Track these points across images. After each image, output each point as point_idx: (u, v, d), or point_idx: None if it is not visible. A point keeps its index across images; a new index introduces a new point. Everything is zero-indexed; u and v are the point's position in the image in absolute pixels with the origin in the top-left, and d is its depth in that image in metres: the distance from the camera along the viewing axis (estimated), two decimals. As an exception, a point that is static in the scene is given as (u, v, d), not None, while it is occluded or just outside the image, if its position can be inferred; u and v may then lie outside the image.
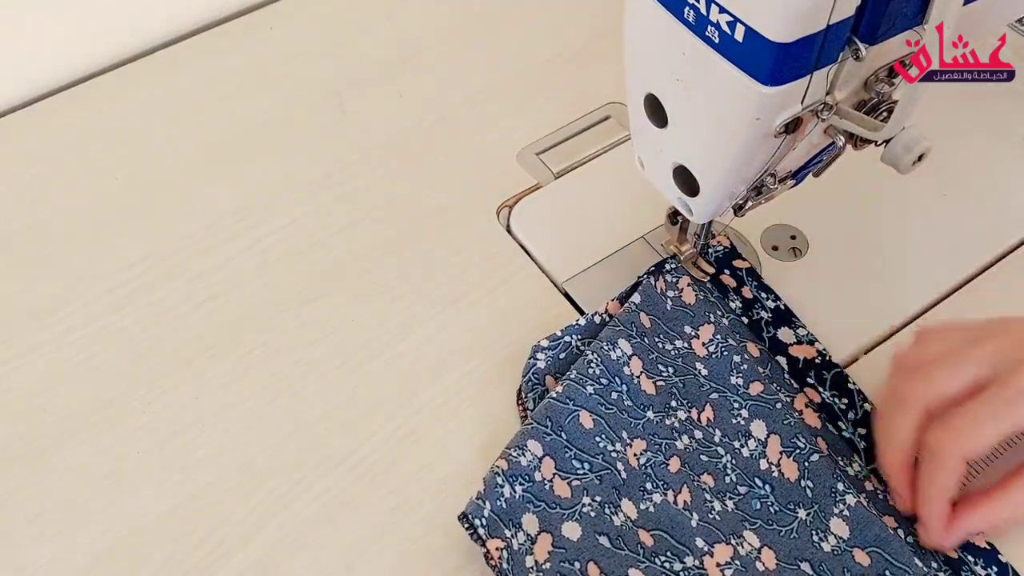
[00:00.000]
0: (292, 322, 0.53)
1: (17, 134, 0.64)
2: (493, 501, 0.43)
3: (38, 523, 0.46)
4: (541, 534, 0.43)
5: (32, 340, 0.53)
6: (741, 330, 0.50)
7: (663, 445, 0.46)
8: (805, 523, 0.44)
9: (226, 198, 0.59)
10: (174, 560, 0.45)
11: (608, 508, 0.44)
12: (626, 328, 0.49)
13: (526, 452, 0.44)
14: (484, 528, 0.42)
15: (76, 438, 0.49)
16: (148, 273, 0.56)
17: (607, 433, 0.46)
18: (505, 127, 0.61)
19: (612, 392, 0.47)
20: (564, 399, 0.46)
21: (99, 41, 0.68)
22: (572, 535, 0.43)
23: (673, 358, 0.49)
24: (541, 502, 0.44)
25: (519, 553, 0.42)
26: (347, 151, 0.61)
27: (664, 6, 0.37)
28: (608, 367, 0.47)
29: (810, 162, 0.43)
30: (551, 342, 0.49)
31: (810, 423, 0.47)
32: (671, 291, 0.50)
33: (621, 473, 0.45)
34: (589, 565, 0.42)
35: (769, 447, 0.46)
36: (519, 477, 0.44)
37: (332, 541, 0.45)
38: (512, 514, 0.43)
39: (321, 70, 0.67)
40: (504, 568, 0.42)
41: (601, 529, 0.43)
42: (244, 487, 0.47)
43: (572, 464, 0.45)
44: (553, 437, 0.45)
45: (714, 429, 0.47)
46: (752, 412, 0.47)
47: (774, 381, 0.48)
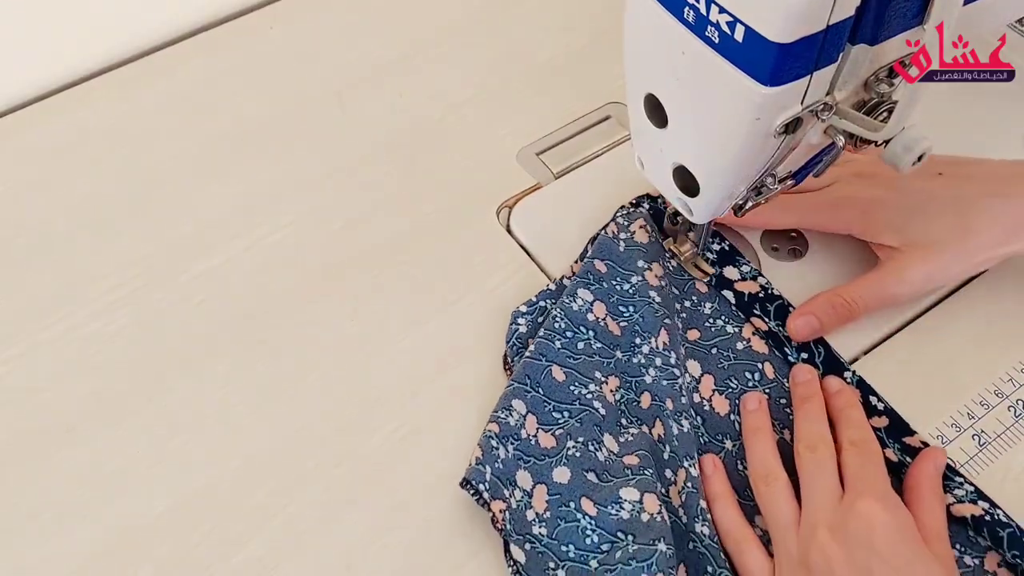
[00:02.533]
0: (292, 322, 0.53)
1: (17, 134, 0.64)
2: (492, 464, 0.45)
3: (38, 522, 0.46)
4: (536, 487, 0.45)
5: (32, 340, 0.53)
6: (689, 274, 0.54)
7: (633, 383, 0.49)
8: (731, 453, 0.47)
9: (226, 198, 0.59)
10: (174, 560, 0.45)
11: (592, 445, 0.46)
12: (583, 278, 0.51)
13: (512, 412, 0.46)
14: (487, 491, 0.44)
15: (76, 438, 0.49)
16: (148, 273, 0.56)
17: (580, 380, 0.48)
18: (505, 127, 0.61)
19: (579, 342, 0.49)
20: (536, 356, 0.48)
21: (99, 41, 0.68)
22: (563, 479, 0.45)
23: (630, 296, 0.51)
24: (530, 457, 0.45)
25: (519, 510, 0.44)
26: (347, 151, 0.61)
27: (664, 6, 0.37)
28: (572, 319, 0.50)
29: (810, 162, 0.43)
30: (529, 307, 0.52)
31: (757, 349, 0.50)
32: (623, 233, 0.53)
33: (600, 411, 0.47)
34: (582, 500, 0.44)
35: (703, 384, 0.49)
36: (510, 437, 0.46)
37: (332, 541, 0.45)
38: (508, 473, 0.45)
39: (321, 70, 0.67)
40: (508, 529, 0.43)
41: (588, 466, 0.45)
42: (244, 487, 0.47)
43: (552, 416, 0.47)
44: (533, 394, 0.47)
45: (670, 352, 0.49)
46: (688, 352, 0.50)
47: (721, 315, 0.52)
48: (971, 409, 0.48)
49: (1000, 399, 0.49)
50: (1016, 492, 0.46)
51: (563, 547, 0.43)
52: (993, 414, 0.48)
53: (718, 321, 0.51)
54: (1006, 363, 0.50)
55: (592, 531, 0.43)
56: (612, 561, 0.42)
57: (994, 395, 0.49)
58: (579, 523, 0.43)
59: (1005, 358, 0.50)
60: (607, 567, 0.42)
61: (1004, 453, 0.47)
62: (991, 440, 0.47)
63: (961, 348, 0.51)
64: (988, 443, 0.47)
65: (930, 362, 0.50)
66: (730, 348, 0.50)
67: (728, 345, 0.50)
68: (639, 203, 0.55)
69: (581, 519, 0.43)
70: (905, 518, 0.41)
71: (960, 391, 0.49)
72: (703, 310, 0.52)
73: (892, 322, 0.52)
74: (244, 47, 0.69)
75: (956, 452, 0.47)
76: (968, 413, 0.48)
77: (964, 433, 0.48)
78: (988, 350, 0.51)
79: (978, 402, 0.49)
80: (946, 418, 0.48)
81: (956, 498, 0.44)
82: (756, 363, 0.50)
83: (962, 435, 0.48)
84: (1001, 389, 0.49)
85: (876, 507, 0.40)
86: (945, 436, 0.48)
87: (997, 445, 0.47)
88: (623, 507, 0.43)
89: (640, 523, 0.43)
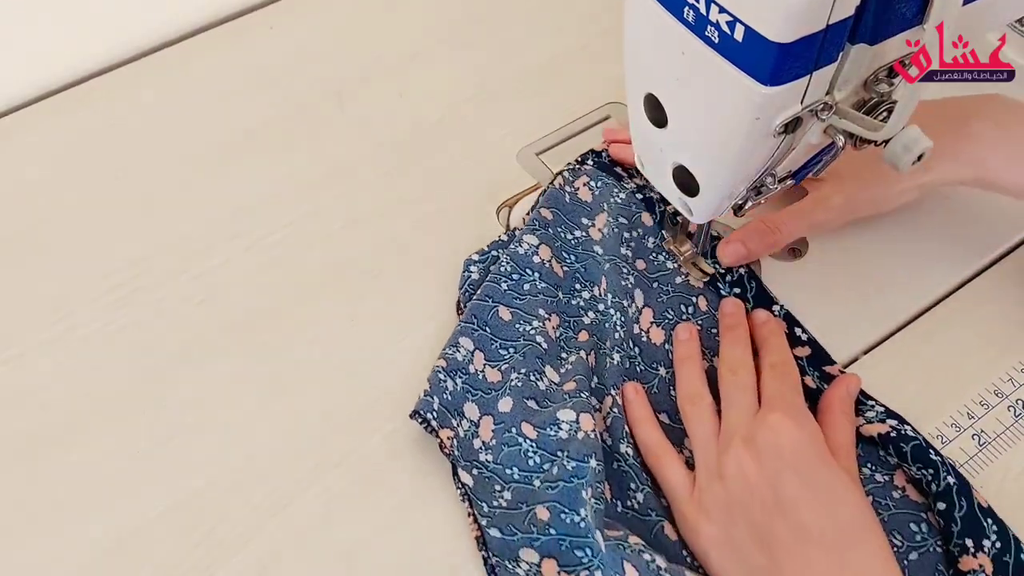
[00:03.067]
0: (292, 322, 0.53)
1: (17, 134, 0.64)
2: (440, 395, 0.48)
3: (38, 522, 0.46)
4: (483, 418, 0.48)
5: (32, 340, 0.53)
6: (635, 203, 0.55)
7: (572, 322, 0.52)
8: (664, 380, 0.50)
9: (226, 198, 0.59)
10: (174, 560, 0.45)
11: (533, 376, 0.49)
12: (531, 225, 0.54)
13: (460, 348, 0.49)
14: (435, 420, 0.47)
15: (76, 438, 0.49)
16: (148, 273, 0.56)
17: (524, 318, 0.51)
18: (505, 127, 0.61)
19: (524, 283, 0.52)
20: (484, 297, 0.51)
21: (99, 41, 0.68)
22: (506, 408, 0.48)
23: (574, 246, 0.54)
24: (477, 391, 0.48)
25: (466, 439, 0.47)
26: (347, 151, 0.61)
27: (664, 6, 0.37)
28: (518, 262, 0.52)
29: (810, 162, 0.43)
30: (481, 256, 0.54)
31: (693, 283, 0.53)
32: (568, 187, 0.56)
33: (542, 344, 0.50)
34: (523, 425, 0.47)
35: (643, 315, 0.52)
36: (457, 371, 0.49)
37: (332, 541, 0.45)
38: (456, 405, 0.48)
39: (321, 70, 0.67)
40: (456, 455, 0.46)
41: (529, 395, 0.48)
42: (244, 487, 0.47)
43: (499, 352, 0.50)
44: (480, 332, 0.50)
45: (608, 294, 0.52)
46: (635, 282, 0.53)
47: (662, 251, 0.54)
48: (971, 409, 0.48)
49: (1000, 399, 0.49)
50: (1016, 492, 0.46)
51: (507, 470, 0.46)
52: (993, 414, 0.48)
53: (659, 256, 0.54)
54: (1006, 363, 0.50)
55: (534, 453, 0.46)
56: (552, 478, 0.44)
57: (994, 395, 0.49)
58: (521, 446, 0.46)
59: (1005, 358, 0.50)
60: (548, 484, 0.44)
61: (1004, 453, 0.47)
62: (991, 440, 0.47)
63: (961, 348, 0.51)
64: (988, 443, 0.47)
65: (930, 362, 0.50)
66: (669, 283, 0.53)
67: (668, 280, 0.53)
68: (584, 160, 0.57)
69: (523, 442, 0.46)
70: (814, 431, 0.44)
71: (960, 391, 0.49)
72: (647, 244, 0.54)
73: (892, 322, 0.52)
74: (244, 47, 0.69)
75: (956, 452, 0.47)
76: (968, 413, 0.48)
77: (964, 433, 0.48)
78: (988, 350, 0.51)
79: (978, 402, 0.49)
80: (946, 418, 0.48)
81: (867, 419, 0.47)
82: (691, 296, 0.52)
83: (962, 435, 0.48)
84: (1001, 389, 0.49)
85: (785, 420, 0.43)
86: (945, 436, 0.48)
87: (997, 445, 0.47)
88: (561, 428, 0.46)
89: (576, 440, 0.45)
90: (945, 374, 0.50)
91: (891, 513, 0.45)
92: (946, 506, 0.43)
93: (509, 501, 0.45)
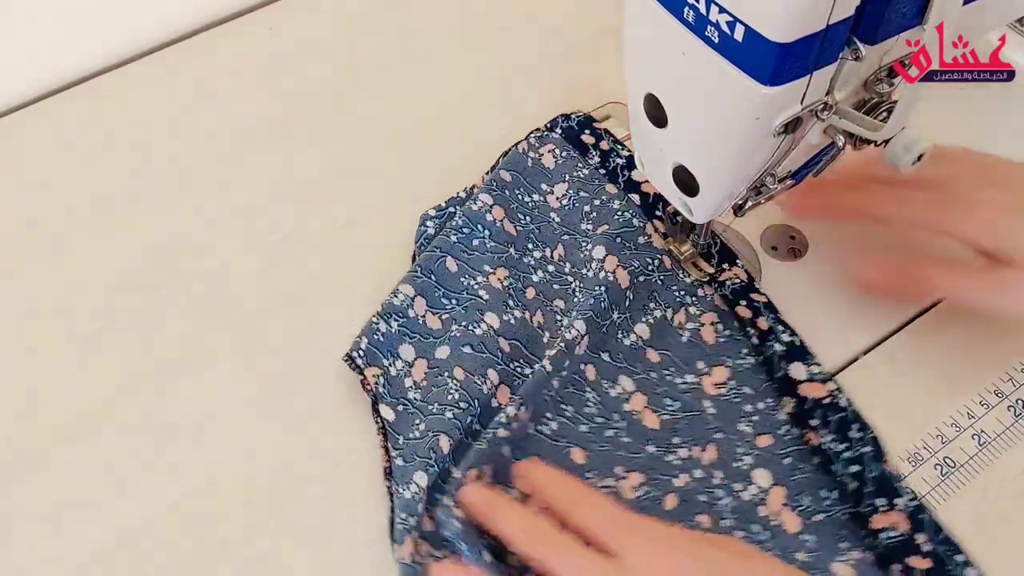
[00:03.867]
0: (292, 322, 0.53)
1: (17, 134, 0.64)
2: (370, 336, 0.50)
3: (38, 523, 0.46)
4: (418, 360, 0.50)
5: (32, 340, 0.53)
6: (598, 178, 0.56)
7: (520, 277, 0.53)
8: (615, 323, 0.51)
9: (226, 197, 0.59)
10: (174, 560, 0.45)
11: (471, 325, 0.50)
12: (488, 185, 0.55)
13: (398, 294, 0.51)
14: (362, 359, 0.49)
15: (76, 438, 0.49)
16: (148, 273, 0.56)
17: (469, 272, 0.52)
18: (505, 127, 0.61)
19: (474, 239, 0.53)
20: (433, 249, 0.52)
21: (99, 41, 0.68)
22: (443, 355, 0.50)
23: (530, 208, 0.55)
24: (416, 334, 0.50)
25: (398, 377, 0.49)
26: (347, 150, 0.61)
27: (664, 6, 0.37)
28: (470, 217, 0.54)
29: (810, 162, 0.43)
30: (438, 212, 0.55)
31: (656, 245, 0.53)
32: (533, 152, 0.57)
33: (483, 297, 0.51)
34: (455, 369, 0.48)
35: (607, 262, 0.52)
36: (393, 315, 0.50)
37: (332, 541, 0.45)
38: (390, 346, 0.50)
39: (321, 70, 0.67)
40: (380, 392, 0.48)
41: (464, 341, 0.49)
42: (244, 487, 0.47)
43: (441, 301, 0.51)
44: (423, 279, 0.52)
45: (565, 263, 0.53)
46: (595, 242, 0.53)
47: (627, 210, 0.54)
48: (971, 409, 0.48)
49: (1000, 399, 0.49)
50: (1016, 492, 0.46)
51: (429, 405, 0.48)
52: (993, 414, 0.48)
53: (625, 214, 0.54)
54: (1006, 363, 0.50)
55: (455, 391, 0.47)
56: (464, 420, 0.46)
57: (994, 395, 0.49)
58: (447, 386, 0.48)
59: (1005, 358, 0.50)
60: (456, 423, 0.46)
61: (1004, 453, 0.47)
62: (991, 440, 0.47)
63: (961, 348, 0.51)
64: (988, 443, 0.47)
65: (930, 362, 0.50)
66: (633, 240, 0.53)
67: (632, 237, 0.53)
68: (553, 126, 0.58)
69: (450, 383, 0.48)
70: None
71: (960, 391, 0.49)
72: (612, 206, 0.55)
73: (892, 322, 0.52)
74: (244, 47, 0.69)
75: (956, 452, 0.47)
76: (968, 413, 0.48)
77: (964, 433, 0.48)
78: (988, 350, 0.51)
79: (978, 402, 0.49)
80: (946, 418, 0.48)
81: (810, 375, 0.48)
82: (656, 255, 0.53)
83: (962, 435, 0.48)
84: (1001, 389, 0.49)
85: None
86: (945, 436, 0.48)
87: (997, 445, 0.47)
88: (485, 382, 0.48)
89: (489, 406, 0.47)
90: (945, 374, 0.50)
91: (804, 476, 0.45)
92: (859, 468, 0.44)
93: (422, 431, 0.46)
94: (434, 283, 0.51)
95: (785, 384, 0.48)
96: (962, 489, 0.46)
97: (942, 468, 0.46)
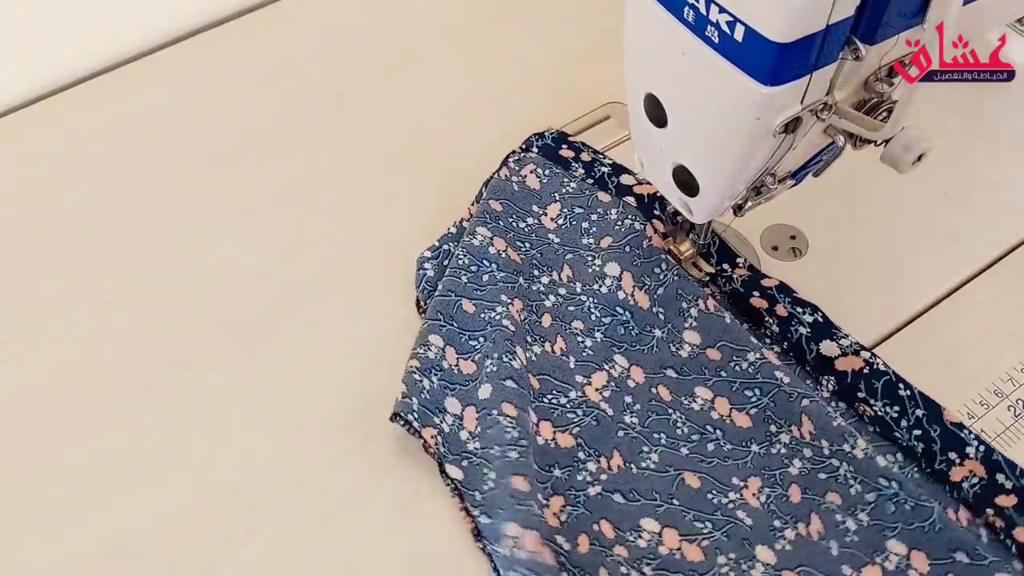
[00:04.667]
0: (292, 322, 0.53)
1: (17, 134, 0.64)
2: (418, 395, 0.48)
3: (38, 523, 0.46)
4: (466, 409, 0.48)
5: (32, 340, 0.53)
6: (588, 189, 0.55)
7: (534, 306, 0.52)
8: (662, 340, 0.50)
9: (226, 198, 0.59)
10: (174, 560, 0.45)
11: (506, 357, 0.48)
12: (481, 218, 0.54)
13: (431, 347, 0.49)
14: (417, 421, 0.47)
15: (76, 438, 0.49)
16: (148, 273, 0.56)
17: (487, 307, 0.51)
18: (505, 127, 0.61)
19: (483, 275, 0.52)
20: (446, 292, 0.51)
21: (99, 41, 0.68)
22: (486, 395, 0.48)
23: (527, 234, 0.55)
24: (455, 384, 0.49)
25: (452, 433, 0.47)
26: (347, 151, 0.61)
27: (664, 6, 0.37)
28: (474, 254, 0.53)
29: (810, 162, 0.43)
30: (432, 252, 0.54)
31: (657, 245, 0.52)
32: (515, 177, 0.56)
33: (509, 327, 0.50)
34: (504, 406, 0.47)
35: (623, 282, 0.51)
36: (432, 369, 0.49)
37: (332, 541, 0.45)
38: (436, 402, 0.48)
39: (321, 70, 0.67)
40: (442, 452, 0.46)
41: (505, 375, 0.48)
42: (244, 487, 0.47)
43: (469, 344, 0.50)
44: (447, 327, 0.50)
45: (575, 283, 0.53)
46: (604, 259, 0.53)
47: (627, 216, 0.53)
48: (971, 409, 0.48)
49: (1000, 399, 0.49)
50: (1016, 492, 0.46)
51: (491, 450, 0.46)
52: (993, 414, 0.48)
53: (625, 221, 0.53)
54: (1006, 363, 0.50)
55: (511, 428, 0.46)
56: (527, 454, 0.45)
57: (994, 395, 0.49)
58: (500, 423, 0.46)
59: (1005, 358, 0.50)
60: (524, 460, 0.45)
61: (1004, 453, 0.47)
62: (991, 440, 0.47)
63: (961, 348, 0.51)
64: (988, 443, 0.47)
65: (930, 362, 0.50)
66: (639, 245, 0.52)
67: (638, 242, 0.53)
68: (528, 147, 0.58)
69: (502, 420, 0.46)
70: None
71: (960, 391, 0.49)
72: (610, 216, 0.54)
73: (892, 322, 0.52)
74: (244, 47, 0.69)
75: (956, 452, 0.47)
76: (968, 413, 0.48)
77: (964, 433, 0.48)
78: (988, 350, 0.51)
79: (978, 402, 0.49)
80: (946, 418, 0.48)
81: (841, 349, 0.48)
82: (661, 255, 0.52)
83: (962, 435, 0.48)
84: (1001, 389, 0.49)
85: None
86: (945, 436, 0.48)
87: (997, 445, 0.47)
88: (531, 416, 0.47)
89: (536, 443, 0.47)
90: (945, 374, 0.50)
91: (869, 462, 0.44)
92: (921, 432, 0.45)
93: (495, 480, 0.45)
94: (457, 329, 0.50)
95: (822, 363, 0.48)
96: (962, 489, 0.46)
97: (942, 468, 0.46)
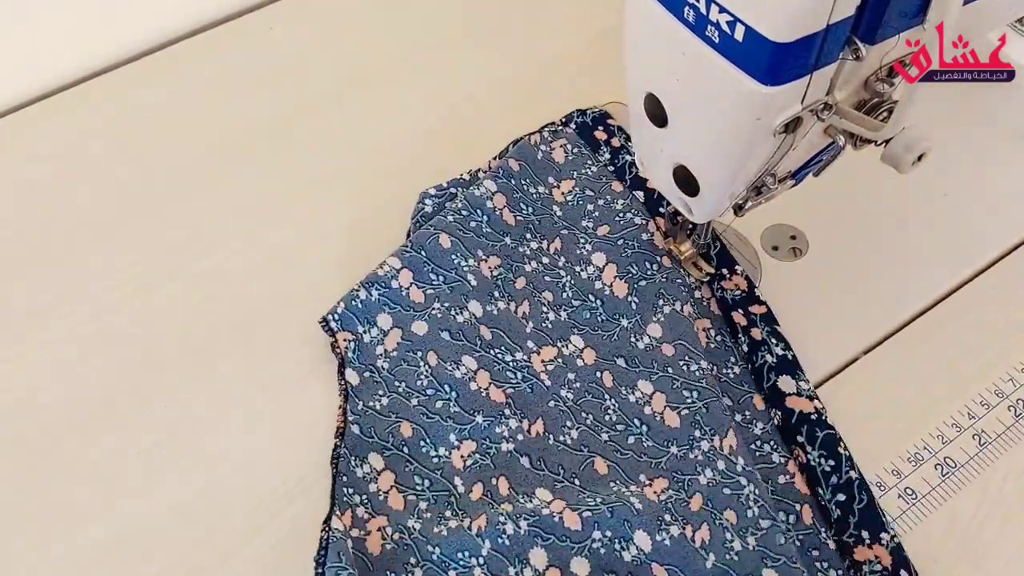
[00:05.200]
0: (292, 321, 0.53)
1: (17, 134, 0.64)
2: (348, 302, 0.50)
3: (38, 523, 0.46)
4: (393, 329, 0.50)
5: (32, 340, 0.53)
6: (606, 175, 0.57)
7: (514, 266, 0.53)
8: (626, 328, 0.51)
9: (226, 198, 0.59)
10: (175, 560, 0.45)
11: (454, 310, 0.50)
12: (494, 172, 0.56)
13: (384, 265, 0.51)
14: (336, 323, 0.50)
15: (76, 438, 0.49)
16: (148, 273, 0.56)
17: (462, 251, 0.52)
18: (505, 127, 0.61)
19: (471, 221, 0.53)
20: (428, 227, 0.53)
21: (99, 41, 0.68)
22: (419, 331, 0.50)
23: (534, 200, 0.56)
24: (396, 305, 0.51)
25: (370, 344, 0.50)
26: (347, 151, 0.61)
27: (664, 6, 0.37)
28: (471, 201, 0.54)
29: (810, 162, 0.43)
30: (438, 191, 0.56)
31: (658, 243, 0.53)
32: (544, 146, 0.58)
33: (471, 282, 0.51)
34: (429, 354, 0.49)
35: (605, 272, 0.52)
36: (375, 284, 0.51)
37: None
38: (367, 313, 0.50)
39: (321, 70, 0.67)
40: (349, 357, 0.49)
41: (444, 326, 0.50)
42: (244, 487, 0.47)
43: (428, 276, 0.51)
44: (412, 254, 0.52)
45: (560, 256, 0.54)
46: (595, 247, 0.54)
47: (631, 209, 0.54)
48: (971, 409, 0.48)
49: (1000, 399, 0.49)
50: (1016, 492, 0.46)
51: (396, 382, 0.48)
52: (993, 414, 0.48)
53: (627, 214, 0.54)
54: (1006, 363, 0.50)
55: (425, 376, 0.48)
56: (431, 407, 0.47)
57: (994, 395, 0.49)
58: (419, 368, 0.49)
59: (1005, 358, 0.50)
60: (423, 409, 0.47)
61: (1004, 453, 0.47)
62: (991, 440, 0.47)
63: (961, 348, 0.51)
64: (988, 443, 0.47)
65: (930, 362, 0.50)
66: (635, 238, 0.53)
67: (634, 236, 0.53)
68: (568, 121, 0.59)
69: (421, 365, 0.49)
70: None
71: (960, 391, 0.49)
72: (615, 206, 0.55)
73: (892, 322, 0.52)
74: (244, 47, 0.69)
75: (956, 452, 0.47)
76: (968, 413, 0.48)
77: (964, 433, 0.48)
78: (988, 350, 0.51)
79: (978, 402, 0.49)
80: (946, 418, 0.48)
81: (799, 391, 0.48)
82: (656, 255, 0.53)
83: (962, 435, 0.48)
84: (1001, 389, 0.49)
85: None
86: (945, 436, 0.48)
87: (997, 445, 0.47)
88: (459, 368, 0.48)
89: (467, 389, 0.48)
90: (945, 374, 0.50)
91: (772, 497, 0.45)
92: (845, 498, 0.44)
93: (383, 407, 0.47)
94: (424, 258, 0.51)
95: (774, 395, 0.48)
96: (963, 489, 0.46)
97: (942, 468, 0.46)
